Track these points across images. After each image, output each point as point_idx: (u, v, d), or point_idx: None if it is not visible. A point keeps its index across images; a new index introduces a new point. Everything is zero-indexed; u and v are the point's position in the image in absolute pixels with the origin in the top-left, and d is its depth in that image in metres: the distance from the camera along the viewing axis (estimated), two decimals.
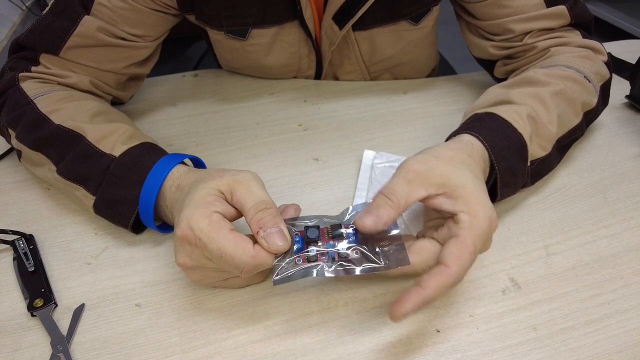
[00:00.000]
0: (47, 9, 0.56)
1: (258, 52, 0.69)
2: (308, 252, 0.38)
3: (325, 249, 0.38)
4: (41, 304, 0.43)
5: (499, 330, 0.41)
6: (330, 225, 0.40)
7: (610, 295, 0.43)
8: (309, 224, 0.40)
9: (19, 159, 0.56)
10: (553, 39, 0.60)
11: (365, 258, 0.38)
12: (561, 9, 0.59)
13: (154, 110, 0.70)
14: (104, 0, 0.56)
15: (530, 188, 0.54)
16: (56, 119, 0.51)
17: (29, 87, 0.55)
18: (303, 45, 0.69)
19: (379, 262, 0.38)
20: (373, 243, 0.39)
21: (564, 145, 0.54)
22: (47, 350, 0.39)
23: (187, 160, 0.51)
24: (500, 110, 0.48)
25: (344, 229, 0.40)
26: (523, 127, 0.47)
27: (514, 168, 0.46)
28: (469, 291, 0.44)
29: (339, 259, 0.38)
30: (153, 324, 0.42)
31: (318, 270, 0.37)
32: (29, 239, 0.49)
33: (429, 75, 0.82)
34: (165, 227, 0.49)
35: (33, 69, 0.56)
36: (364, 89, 0.73)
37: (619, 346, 0.39)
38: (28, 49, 0.57)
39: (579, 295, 0.43)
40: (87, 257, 0.48)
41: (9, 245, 0.48)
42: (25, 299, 0.43)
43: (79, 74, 0.58)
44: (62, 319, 0.42)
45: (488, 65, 0.68)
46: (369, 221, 0.37)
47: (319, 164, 0.59)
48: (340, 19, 0.63)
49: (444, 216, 0.40)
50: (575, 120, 0.53)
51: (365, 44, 0.70)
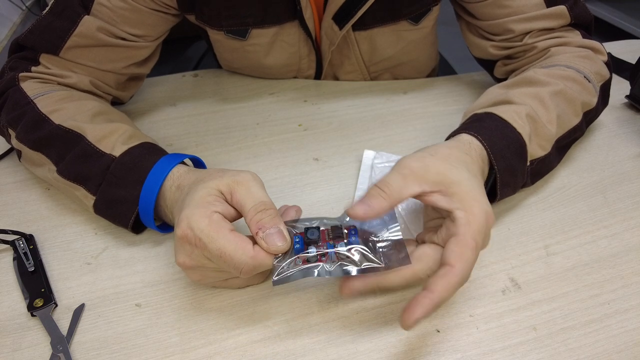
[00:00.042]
0: (47, 9, 0.56)
1: (258, 52, 0.69)
2: (308, 253, 0.38)
3: (325, 249, 0.38)
4: (41, 304, 0.43)
5: (499, 330, 0.41)
6: (330, 226, 0.40)
7: (610, 295, 0.43)
8: (309, 225, 0.40)
9: (19, 159, 0.56)
10: (553, 39, 0.60)
11: (365, 258, 0.38)
12: (561, 9, 0.59)
13: (154, 110, 0.70)
14: (104, 0, 0.56)
15: (530, 188, 0.54)
16: (56, 119, 0.51)
17: (29, 87, 0.55)
18: (303, 45, 0.69)
19: (379, 262, 0.38)
20: (373, 243, 0.39)
21: (564, 145, 0.54)
22: (47, 350, 0.39)
23: (187, 160, 0.51)
24: (500, 110, 0.48)
25: (345, 230, 0.40)
26: (522, 127, 0.47)
27: (513, 167, 0.46)
28: (469, 291, 0.44)
29: (339, 259, 0.38)
30: (153, 324, 0.42)
31: (318, 270, 0.37)
32: (29, 239, 0.49)
33: (429, 75, 0.82)
34: (165, 227, 0.49)
35: (33, 69, 0.56)
36: (364, 89, 0.73)
37: (619, 346, 0.39)
38: (28, 49, 0.57)
39: (579, 295, 0.43)
40: (87, 257, 0.48)
41: (9, 245, 0.48)
42: (25, 299, 0.43)
43: (79, 74, 0.58)
44: (62, 319, 0.42)
45: (488, 65, 0.68)
46: (360, 210, 0.37)
47: (319, 164, 0.59)
48: (340, 19, 0.63)
49: (442, 216, 0.40)
50: (575, 120, 0.53)
51: (365, 44, 0.70)
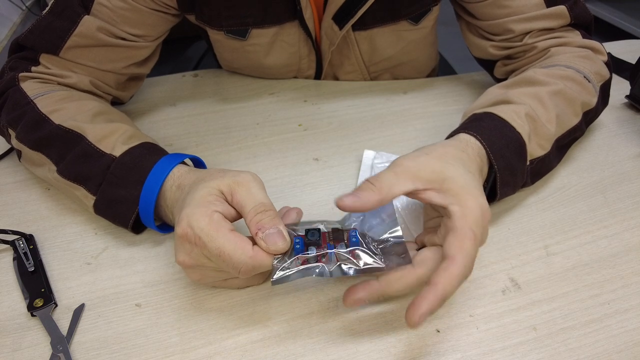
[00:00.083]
0: (47, 9, 0.56)
1: (258, 52, 0.69)
2: (308, 254, 0.38)
3: (325, 250, 0.38)
4: (41, 304, 0.43)
5: (499, 330, 0.41)
6: (331, 228, 0.40)
7: (610, 295, 0.43)
8: (310, 227, 0.40)
9: (19, 159, 0.56)
10: (553, 39, 0.60)
11: (365, 259, 0.38)
12: (561, 9, 0.59)
13: (154, 110, 0.70)
14: (104, 0, 0.56)
15: (530, 188, 0.54)
16: (56, 119, 0.51)
17: (29, 87, 0.55)
18: (303, 45, 0.69)
19: (379, 263, 0.38)
20: (374, 245, 0.39)
21: (564, 145, 0.54)
22: (47, 350, 0.39)
23: (188, 160, 0.51)
24: (499, 110, 0.48)
25: (345, 232, 0.39)
26: (521, 126, 0.47)
27: (513, 167, 0.46)
28: (469, 291, 0.44)
29: (339, 260, 0.38)
30: (153, 324, 0.42)
31: (317, 270, 0.37)
32: (29, 239, 0.49)
33: (429, 75, 0.82)
34: (166, 227, 0.49)
35: (33, 69, 0.56)
36: (364, 89, 0.73)
37: (619, 346, 0.39)
38: (28, 49, 0.57)
39: (579, 295, 0.43)
40: (87, 257, 0.48)
41: (9, 245, 0.48)
42: (25, 299, 0.43)
43: (79, 74, 0.58)
44: (62, 319, 0.42)
45: (488, 65, 0.68)
46: (349, 200, 0.37)
47: (319, 164, 0.59)
48: (340, 19, 0.63)
49: (441, 214, 0.40)
50: (574, 120, 0.53)
51: (365, 44, 0.70)
